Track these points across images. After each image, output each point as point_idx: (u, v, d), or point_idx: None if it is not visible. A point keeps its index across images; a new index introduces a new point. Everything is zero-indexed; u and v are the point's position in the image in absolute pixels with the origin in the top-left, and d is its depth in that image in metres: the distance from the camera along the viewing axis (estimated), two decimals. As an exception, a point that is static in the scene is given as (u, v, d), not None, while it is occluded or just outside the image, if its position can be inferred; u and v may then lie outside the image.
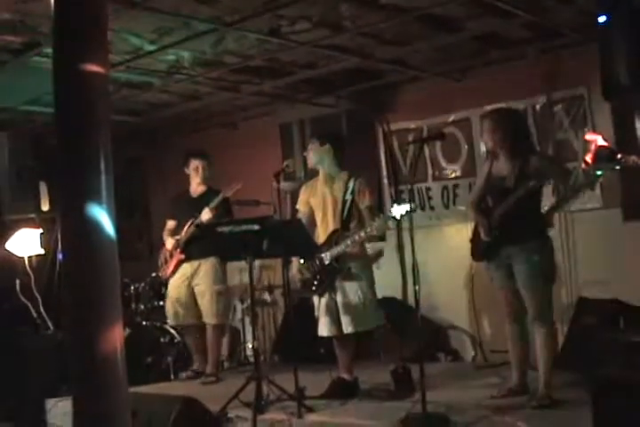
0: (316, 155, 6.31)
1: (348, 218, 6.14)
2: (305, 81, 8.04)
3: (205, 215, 7.15)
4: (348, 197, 6.13)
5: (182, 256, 7.39)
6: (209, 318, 7.36)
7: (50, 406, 5.69)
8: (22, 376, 6.34)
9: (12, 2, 5.32)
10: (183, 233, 7.35)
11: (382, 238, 7.73)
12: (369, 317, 6.10)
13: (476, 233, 5.62)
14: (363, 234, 5.92)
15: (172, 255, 7.46)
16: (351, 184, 6.14)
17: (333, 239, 6.10)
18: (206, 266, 7.35)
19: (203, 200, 7.29)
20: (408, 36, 6.76)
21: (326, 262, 6.06)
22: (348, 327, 6.04)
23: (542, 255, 5.33)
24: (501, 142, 5.45)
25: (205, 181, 7.54)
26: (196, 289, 7.38)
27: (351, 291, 6.06)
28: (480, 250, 5.59)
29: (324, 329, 6.18)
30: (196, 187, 7.58)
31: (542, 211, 5.46)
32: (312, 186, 6.43)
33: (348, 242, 5.97)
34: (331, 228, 6.16)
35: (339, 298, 6.07)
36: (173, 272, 7.44)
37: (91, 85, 3.08)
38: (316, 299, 6.22)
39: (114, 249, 2.96)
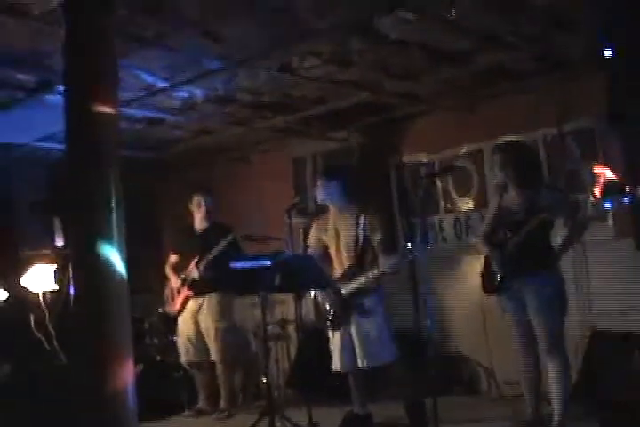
0: (324, 191, 6.33)
1: (363, 253, 6.15)
2: (317, 116, 8.08)
3: (195, 273, 7.28)
4: (360, 232, 6.14)
5: (189, 293, 7.40)
6: (215, 354, 7.36)
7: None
8: (34, 413, 6.33)
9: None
10: (188, 271, 7.36)
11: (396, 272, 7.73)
12: (384, 352, 6.08)
13: (486, 266, 5.62)
14: (377, 272, 5.95)
15: (179, 291, 7.47)
16: (362, 219, 6.15)
17: (348, 275, 6.11)
18: (210, 302, 7.38)
19: (207, 236, 7.32)
20: (417, 70, 6.80)
21: (342, 298, 6.07)
22: (362, 362, 6.03)
23: (553, 287, 5.33)
24: (512, 175, 5.47)
25: (208, 215, 7.57)
26: (202, 326, 7.39)
27: (366, 326, 6.05)
28: (491, 283, 5.59)
29: (338, 364, 6.17)
30: (200, 222, 7.60)
31: (553, 244, 5.46)
32: (323, 221, 6.44)
33: (362, 279, 5.99)
34: (345, 263, 6.17)
35: (354, 333, 6.06)
36: (182, 308, 7.45)
37: (101, 124, 3.13)
38: (330, 333, 6.21)
39: (124, 285, 3.00)
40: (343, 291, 6.06)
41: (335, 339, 6.15)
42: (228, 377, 7.47)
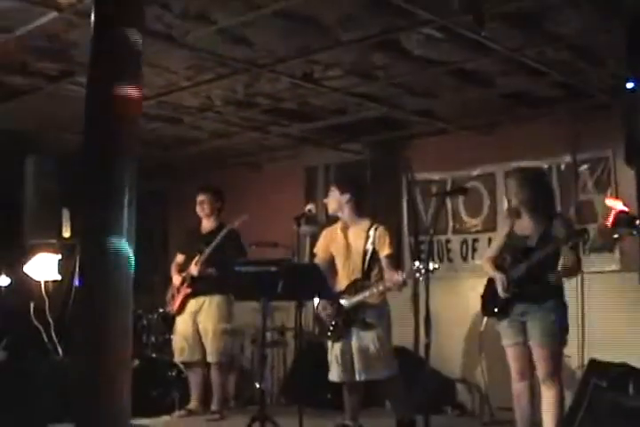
0: (335, 202, 6.33)
1: (370, 267, 6.16)
2: (333, 126, 8.11)
3: (193, 270, 7.28)
4: (369, 246, 6.15)
5: (189, 291, 7.40)
6: (211, 356, 7.35)
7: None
8: (26, 401, 6.33)
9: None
10: (190, 269, 7.38)
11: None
12: (383, 366, 6.06)
13: (488, 289, 5.59)
14: (381, 287, 5.95)
15: (179, 290, 7.48)
16: (372, 233, 6.16)
17: (353, 288, 6.11)
18: (211, 303, 7.36)
19: (212, 236, 7.33)
20: (438, 89, 6.83)
21: (344, 310, 6.08)
22: (361, 375, 6.02)
23: (558, 315, 5.30)
24: (526, 202, 5.45)
25: (213, 216, 7.58)
26: (200, 326, 7.38)
27: (367, 339, 6.04)
28: (493, 306, 5.55)
29: (335, 374, 6.15)
30: (206, 222, 7.61)
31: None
32: (332, 232, 6.44)
33: (367, 293, 5.99)
34: (352, 276, 6.18)
35: (354, 345, 6.05)
36: (181, 307, 7.45)
37: (121, 118, 3.14)
38: (330, 343, 6.21)
39: (129, 281, 3.00)
40: (347, 303, 6.06)
41: (334, 350, 6.14)
42: (222, 380, 7.45)
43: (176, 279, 7.51)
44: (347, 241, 6.26)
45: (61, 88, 6.60)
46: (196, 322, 7.40)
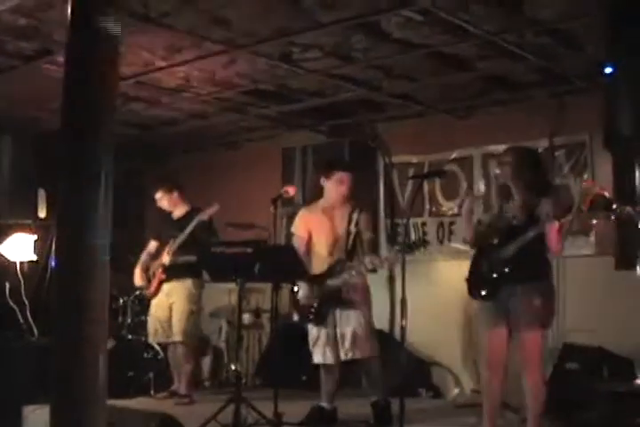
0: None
1: (353, 249, 6.17)
2: (311, 108, 8.09)
3: (165, 258, 7.31)
4: (352, 228, 6.16)
5: (163, 276, 7.40)
6: (176, 335, 7.34)
7: (27, 413, 5.66)
8: (1, 382, 6.31)
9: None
10: (162, 258, 7.36)
11: (374, 270, 7.74)
12: (368, 345, 6.07)
13: (473, 270, 5.49)
14: (363, 268, 5.96)
15: (154, 275, 7.47)
16: (355, 216, 6.17)
17: (336, 269, 6.11)
18: (182, 285, 7.37)
19: (184, 221, 7.31)
20: (417, 72, 6.83)
21: (327, 290, 6.07)
22: (347, 354, 6.03)
23: (544, 298, 5.23)
24: (518, 180, 5.34)
25: (179, 204, 7.60)
26: (173, 307, 7.39)
27: (352, 318, 6.04)
28: (479, 288, 5.44)
29: (320, 356, 6.15)
30: (176, 210, 7.62)
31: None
32: (312, 212, 6.43)
33: (353, 272, 6.00)
34: (333, 257, 6.18)
35: (339, 326, 6.05)
36: (157, 291, 7.46)
37: (100, 96, 3.11)
38: (311, 326, 6.20)
39: (106, 261, 2.99)
40: (331, 283, 6.05)
41: (318, 332, 6.13)
42: (188, 360, 7.43)
43: (137, 280, 7.52)
44: (332, 223, 6.25)
45: (37, 67, 6.53)
46: (170, 304, 7.40)
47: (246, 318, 8.31)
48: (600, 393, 5.67)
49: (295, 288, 6.19)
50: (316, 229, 6.31)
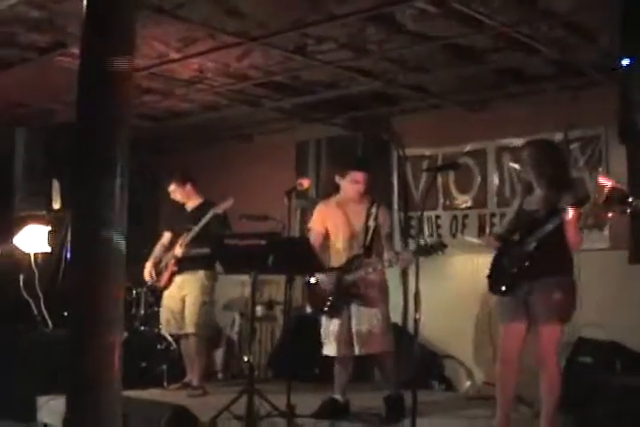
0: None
1: (371, 244, 6.16)
2: (325, 101, 8.08)
3: (178, 250, 7.32)
4: (372, 223, 6.15)
5: (175, 269, 7.42)
6: (189, 327, 7.37)
7: (41, 403, 5.70)
8: (15, 373, 6.34)
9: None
10: (176, 249, 7.38)
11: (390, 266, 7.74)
12: (381, 341, 6.06)
13: (494, 266, 5.45)
14: (380, 265, 5.97)
15: (166, 266, 7.48)
16: (374, 210, 6.17)
17: (354, 264, 6.11)
18: (194, 277, 7.38)
19: (198, 212, 7.34)
20: (431, 64, 6.81)
21: (344, 285, 6.08)
22: (360, 349, 6.03)
23: (565, 293, 5.19)
24: (539, 175, 5.29)
25: (192, 196, 7.63)
26: (185, 299, 7.40)
27: (368, 314, 6.04)
28: (500, 282, 5.40)
29: (331, 349, 6.15)
30: (189, 202, 7.64)
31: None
32: (329, 207, 6.42)
33: (369, 269, 6.00)
34: (352, 252, 6.18)
35: (354, 322, 6.04)
36: (168, 282, 7.47)
37: (115, 89, 3.11)
38: (325, 318, 6.20)
39: (121, 253, 2.99)
40: (348, 278, 6.06)
41: (331, 324, 6.13)
42: (201, 352, 7.45)
43: (147, 275, 7.53)
44: (349, 217, 6.25)
45: (52, 60, 6.54)
46: (182, 296, 7.41)
47: (259, 310, 8.33)
48: (613, 387, 5.66)
49: (312, 280, 6.20)
50: (332, 224, 6.30)
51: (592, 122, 7.04)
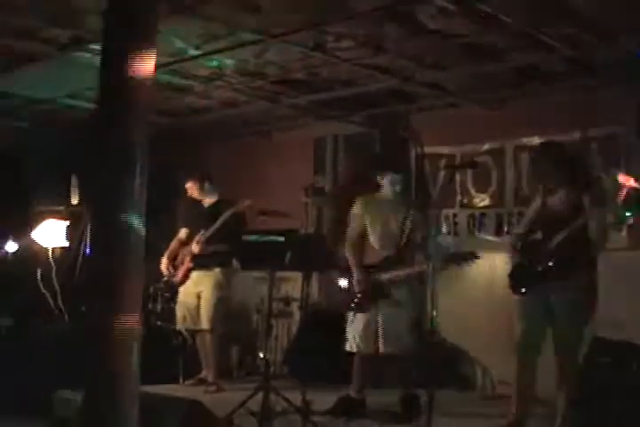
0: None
1: (405, 246, 6.17)
2: (342, 98, 8.07)
3: (195, 247, 7.34)
4: (408, 224, 6.15)
5: (191, 265, 7.44)
6: (204, 323, 7.39)
7: (58, 397, 5.70)
8: (33, 368, 6.36)
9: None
10: (192, 247, 7.40)
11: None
12: (406, 341, 6.08)
13: (516, 266, 5.44)
14: (410, 271, 5.98)
15: (182, 262, 7.51)
16: (412, 212, 6.18)
17: (387, 264, 6.11)
18: (210, 274, 7.40)
19: (214, 209, 7.36)
20: (449, 62, 6.79)
21: (375, 283, 6.08)
22: (384, 348, 6.04)
23: (586, 294, 5.18)
24: (554, 178, 5.29)
25: (209, 194, 7.64)
26: (201, 296, 7.42)
27: (395, 315, 6.07)
28: (522, 282, 5.38)
29: (353, 345, 6.16)
30: (206, 199, 7.67)
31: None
32: (370, 203, 6.44)
33: (401, 273, 6.01)
34: (386, 251, 6.21)
35: (380, 319, 6.07)
36: (184, 278, 7.50)
37: (135, 86, 3.13)
38: (352, 315, 6.21)
39: (140, 249, 3.01)
40: (379, 277, 6.06)
41: (357, 321, 6.14)
42: (216, 348, 7.46)
43: (164, 268, 7.55)
44: (388, 216, 6.26)
45: (72, 55, 6.56)
46: (199, 292, 7.43)
47: (276, 306, 8.34)
48: (628, 387, 5.64)
49: (343, 282, 6.21)
50: (370, 221, 6.31)
51: (612, 121, 7.00)
